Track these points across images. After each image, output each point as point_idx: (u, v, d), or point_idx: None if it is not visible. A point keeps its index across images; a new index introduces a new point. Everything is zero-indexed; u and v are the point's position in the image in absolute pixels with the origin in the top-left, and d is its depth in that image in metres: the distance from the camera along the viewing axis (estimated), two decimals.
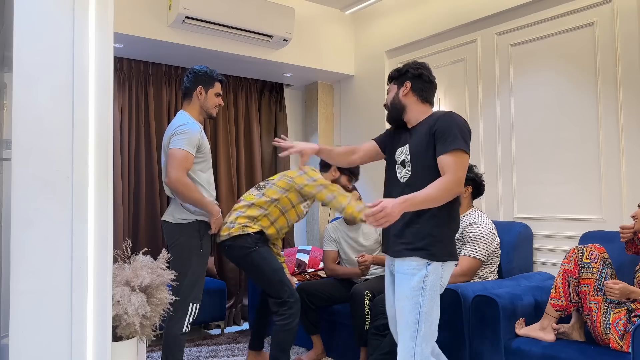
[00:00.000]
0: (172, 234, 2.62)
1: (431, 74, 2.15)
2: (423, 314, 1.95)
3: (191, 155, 2.56)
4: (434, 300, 1.99)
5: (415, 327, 1.96)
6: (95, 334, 1.52)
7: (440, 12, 3.69)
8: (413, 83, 2.10)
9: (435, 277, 1.98)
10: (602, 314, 2.20)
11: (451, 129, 1.95)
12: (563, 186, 3.03)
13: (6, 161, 2.02)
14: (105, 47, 1.57)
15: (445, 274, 2.03)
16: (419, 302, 1.96)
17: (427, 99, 2.13)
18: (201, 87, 2.73)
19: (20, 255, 1.44)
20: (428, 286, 1.96)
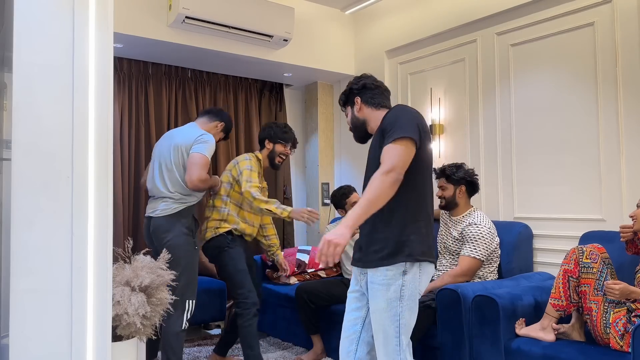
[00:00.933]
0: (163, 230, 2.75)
1: (375, 80, 2.11)
2: (403, 325, 1.85)
3: (209, 161, 2.84)
4: (412, 310, 1.87)
5: (396, 340, 1.85)
6: (95, 334, 1.52)
7: (440, 12, 3.69)
8: (361, 96, 2.09)
9: (413, 285, 1.85)
10: (602, 313, 2.20)
11: (395, 121, 1.87)
12: (563, 186, 3.02)
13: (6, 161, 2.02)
14: (105, 47, 1.57)
15: (423, 278, 1.89)
16: (397, 313, 1.84)
17: (381, 104, 2.08)
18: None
19: (20, 255, 1.44)
20: (406, 295, 1.84)
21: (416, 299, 1.89)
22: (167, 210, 2.77)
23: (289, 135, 3.15)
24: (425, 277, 1.91)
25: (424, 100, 3.90)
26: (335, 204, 3.37)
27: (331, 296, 3.26)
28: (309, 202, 4.78)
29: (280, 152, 3.13)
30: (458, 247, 2.90)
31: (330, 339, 3.28)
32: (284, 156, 3.15)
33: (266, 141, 3.14)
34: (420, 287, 1.90)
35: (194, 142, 2.79)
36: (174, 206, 2.78)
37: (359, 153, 4.44)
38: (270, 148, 3.13)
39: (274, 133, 3.12)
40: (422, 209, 1.90)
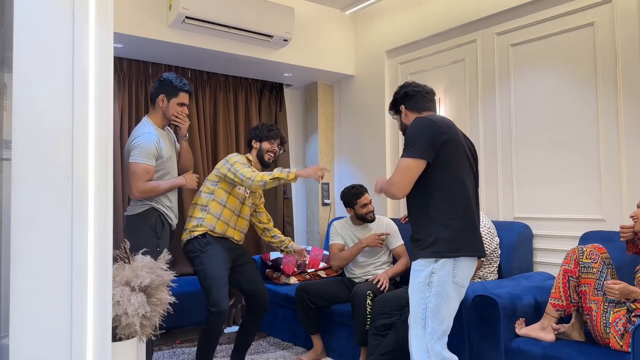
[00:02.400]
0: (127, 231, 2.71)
1: (415, 86, 2.26)
2: (429, 309, 1.99)
3: (151, 166, 2.67)
4: (442, 297, 1.99)
5: (422, 322, 2.00)
6: (95, 334, 1.52)
7: (440, 12, 3.69)
8: (405, 104, 2.25)
9: (443, 274, 1.99)
10: (602, 313, 2.20)
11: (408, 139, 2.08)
12: (563, 186, 3.02)
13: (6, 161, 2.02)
14: (105, 47, 1.57)
15: (459, 271, 2.02)
16: (425, 297, 2.01)
17: (424, 108, 2.24)
18: (163, 95, 2.78)
19: (20, 255, 1.43)
20: (435, 282, 2.00)
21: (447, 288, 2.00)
22: (130, 211, 2.74)
23: (274, 133, 3.14)
24: (462, 270, 2.03)
25: None
26: (346, 202, 3.36)
27: (331, 296, 3.26)
28: (308, 202, 4.78)
29: (268, 150, 3.11)
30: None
31: (331, 339, 3.28)
32: (272, 153, 3.12)
33: (253, 141, 3.14)
34: (457, 278, 2.02)
35: (129, 148, 2.70)
36: (137, 208, 2.71)
37: (359, 153, 4.44)
38: (257, 147, 3.12)
39: (259, 132, 3.12)
40: (454, 208, 2.04)
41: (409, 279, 2.11)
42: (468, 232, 2.05)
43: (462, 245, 2.02)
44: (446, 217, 2.03)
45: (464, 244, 2.03)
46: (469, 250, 2.03)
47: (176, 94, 2.80)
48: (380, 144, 4.21)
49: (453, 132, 2.09)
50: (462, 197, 2.06)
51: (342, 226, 3.43)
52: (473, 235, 2.06)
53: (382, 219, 3.41)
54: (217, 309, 2.73)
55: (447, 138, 2.04)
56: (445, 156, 2.04)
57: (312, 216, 4.71)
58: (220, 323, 2.76)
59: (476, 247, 2.06)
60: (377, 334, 2.78)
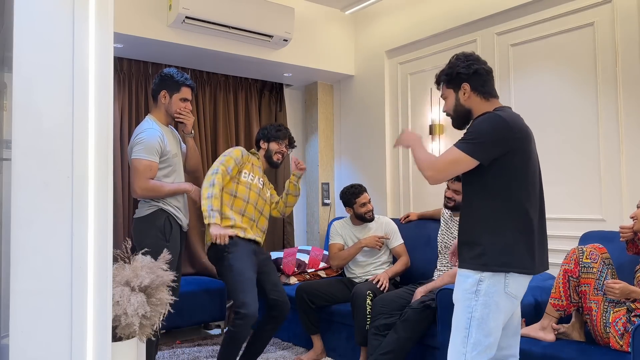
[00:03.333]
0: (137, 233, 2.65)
1: (485, 64, 1.97)
2: (475, 319, 1.80)
3: (154, 162, 2.59)
4: (490, 308, 1.79)
5: (465, 332, 1.81)
6: (95, 334, 1.52)
7: (440, 12, 3.69)
8: (471, 83, 1.93)
9: (491, 284, 1.79)
10: (602, 313, 2.20)
11: (472, 129, 1.86)
12: (563, 186, 3.02)
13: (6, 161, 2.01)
14: (105, 47, 1.57)
15: (511, 283, 1.80)
16: (470, 306, 1.81)
17: (492, 94, 1.96)
18: (165, 91, 2.72)
19: (20, 255, 1.43)
20: (482, 291, 1.80)
21: (497, 299, 1.80)
22: (138, 214, 2.70)
23: (283, 133, 3.11)
24: (515, 282, 1.82)
25: (424, 100, 3.90)
26: (345, 202, 3.37)
27: (331, 296, 3.26)
28: (309, 202, 4.78)
29: (276, 150, 3.08)
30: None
31: (331, 339, 3.28)
32: (280, 154, 3.10)
33: (261, 142, 3.12)
34: (508, 289, 1.81)
35: (132, 144, 2.62)
36: (144, 210, 2.67)
37: (359, 153, 4.44)
38: (265, 148, 3.10)
39: (267, 132, 3.10)
40: (511, 219, 1.82)
41: (455, 284, 1.93)
42: (521, 247, 1.81)
43: (508, 260, 1.79)
44: (497, 229, 1.82)
45: (520, 257, 1.80)
46: (522, 266, 1.80)
47: (178, 89, 2.73)
48: (380, 144, 4.21)
49: (526, 139, 1.86)
50: (528, 208, 1.82)
51: (342, 226, 3.44)
52: (529, 250, 1.82)
53: (381, 218, 3.41)
54: (246, 311, 2.58)
55: (518, 146, 1.82)
56: (512, 160, 1.81)
57: (312, 216, 4.71)
58: (249, 327, 2.62)
59: (525, 264, 1.81)
60: (377, 334, 2.78)
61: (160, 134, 2.64)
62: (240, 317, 2.59)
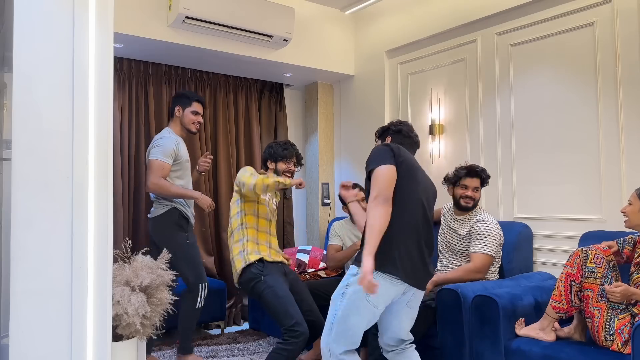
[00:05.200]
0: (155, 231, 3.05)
1: (412, 130, 2.37)
2: (337, 318, 2.06)
3: (167, 163, 2.99)
4: (351, 311, 2.04)
5: (330, 325, 2.09)
6: (95, 334, 1.52)
7: (440, 12, 3.69)
8: (393, 137, 2.36)
9: (356, 289, 2.01)
10: (605, 320, 2.17)
11: (367, 163, 2.17)
12: (563, 186, 3.02)
13: (6, 161, 2.02)
14: (105, 47, 1.57)
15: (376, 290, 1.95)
16: (337, 305, 2.08)
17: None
18: (179, 106, 3.16)
19: (20, 255, 1.44)
20: (347, 294, 2.05)
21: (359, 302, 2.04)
22: (154, 213, 3.05)
23: (290, 152, 3.07)
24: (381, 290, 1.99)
25: (424, 100, 3.90)
26: (342, 201, 3.38)
27: (331, 295, 3.26)
28: (309, 202, 4.78)
29: (284, 170, 3.05)
30: (465, 246, 2.89)
31: None
32: (288, 173, 3.07)
33: (268, 161, 3.09)
34: (369, 297, 2.02)
35: (149, 148, 3.04)
36: (160, 209, 3.03)
37: (359, 153, 4.44)
38: (272, 168, 3.06)
39: (274, 152, 3.06)
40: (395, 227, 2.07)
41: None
42: (392, 249, 2.03)
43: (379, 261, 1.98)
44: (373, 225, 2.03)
45: (382, 259, 2.00)
46: (384, 268, 2.00)
47: (190, 103, 3.16)
48: None
49: (407, 155, 2.19)
50: (410, 219, 2.08)
51: (341, 226, 3.44)
52: (396, 254, 2.03)
53: None
54: (301, 329, 2.58)
55: (401, 159, 2.13)
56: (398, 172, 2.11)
57: (312, 216, 4.71)
58: (303, 344, 2.60)
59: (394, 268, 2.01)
60: (376, 334, 2.77)
61: (175, 141, 3.05)
62: (295, 336, 2.58)
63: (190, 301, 3.06)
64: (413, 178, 2.13)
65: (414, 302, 2.17)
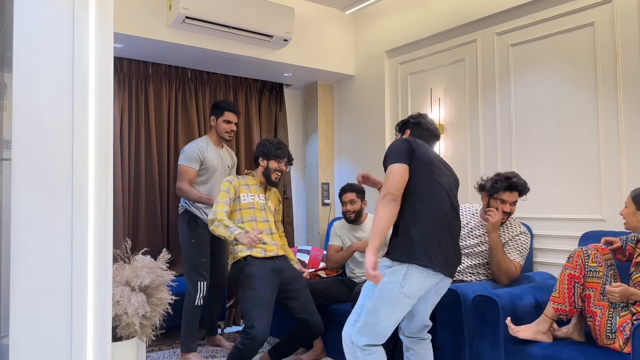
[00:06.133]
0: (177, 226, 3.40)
1: (431, 124, 2.36)
2: (366, 308, 2.04)
3: (191, 168, 3.28)
4: (381, 303, 2.02)
5: (356, 316, 2.06)
6: (95, 334, 1.52)
7: (440, 12, 3.69)
8: (412, 131, 2.35)
9: (389, 280, 2.02)
10: (607, 319, 2.18)
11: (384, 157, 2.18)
12: (563, 186, 3.02)
13: (6, 161, 2.02)
14: (105, 47, 1.57)
15: (408, 282, 2.01)
16: (366, 295, 2.06)
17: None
18: (214, 116, 3.46)
19: (20, 255, 1.44)
20: (378, 287, 2.03)
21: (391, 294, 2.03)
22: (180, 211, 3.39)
23: (283, 152, 3.11)
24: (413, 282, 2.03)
25: (424, 100, 3.90)
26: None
27: (332, 295, 3.26)
28: (309, 202, 4.78)
29: (275, 168, 3.09)
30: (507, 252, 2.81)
31: (331, 339, 3.28)
32: (279, 172, 3.11)
33: (260, 158, 3.12)
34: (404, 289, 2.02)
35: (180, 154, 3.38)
36: (179, 209, 3.38)
37: (359, 153, 4.44)
38: (264, 165, 3.10)
39: (267, 150, 3.10)
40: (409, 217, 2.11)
41: None
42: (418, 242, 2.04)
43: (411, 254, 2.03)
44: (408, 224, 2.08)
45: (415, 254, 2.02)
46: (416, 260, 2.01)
47: (222, 113, 3.42)
48: (380, 144, 4.21)
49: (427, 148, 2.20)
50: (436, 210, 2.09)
51: (341, 226, 3.44)
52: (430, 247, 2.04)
53: None
54: (254, 333, 2.62)
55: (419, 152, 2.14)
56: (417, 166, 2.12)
57: (312, 216, 4.71)
58: (256, 348, 2.64)
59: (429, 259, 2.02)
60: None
61: (199, 147, 3.32)
62: (248, 338, 2.63)
63: (189, 298, 3.20)
64: (434, 170, 2.14)
65: (442, 290, 2.19)
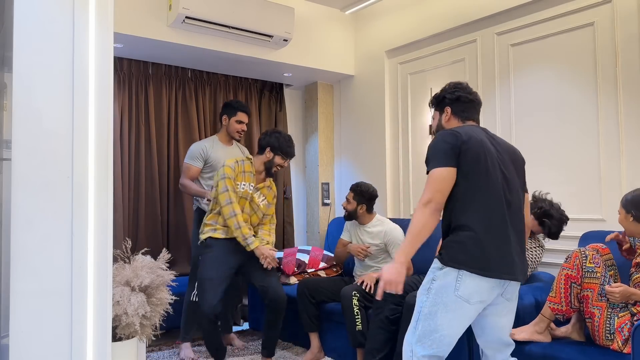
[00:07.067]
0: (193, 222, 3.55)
1: (470, 92, 2.13)
2: (423, 314, 1.89)
3: (193, 166, 3.39)
4: (439, 306, 1.86)
5: (414, 323, 1.92)
6: (95, 334, 1.52)
7: (440, 12, 3.69)
8: (452, 107, 2.12)
9: (443, 284, 1.86)
10: (606, 319, 2.18)
11: (427, 154, 1.99)
12: (563, 186, 3.02)
13: (6, 161, 2.02)
14: (105, 47, 1.57)
15: (462, 285, 1.83)
16: (422, 301, 1.91)
17: (469, 117, 2.11)
18: (226, 115, 3.52)
19: (20, 255, 1.43)
20: (433, 290, 1.88)
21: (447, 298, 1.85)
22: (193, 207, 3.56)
23: (292, 150, 3.11)
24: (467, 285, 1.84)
25: (424, 100, 3.90)
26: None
27: (332, 292, 3.26)
28: (309, 202, 4.78)
29: (278, 163, 3.08)
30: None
31: (330, 338, 3.28)
32: (280, 167, 3.11)
33: (268, 149, 3.05)
34: (459, 292, 1.84)
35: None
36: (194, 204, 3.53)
37: (359, 153, 4.44)
38: (270, 157, 3.05)
39: (278, 145, 3.04)
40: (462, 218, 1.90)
41: None
42: (470, 245, 1.87)
43: (462, 257, 1.85)
44: (459, 226, 1.90)
45: (466, 256, 1.85)
46: (468, 265, 1.84)
47: (235, 113, 3.48)
48: (381, 144, 4.21)
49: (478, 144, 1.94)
50: (488, 210, 1.89)
51: (352, 223, 3.43)
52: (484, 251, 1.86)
53: (387, 224, 3.31)
54: (202, 308, 2.87)
55: (466, 149, 1.91)
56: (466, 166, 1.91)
57: (312, 216, 4.71)
58: (203, 319, 2.88)
59: (482, 265, 1.84)
60: (381, 328, 2.76)
61: (204, 146, 3.41)
62: (200, 310, 2.91)
63: (187, 293, 3.37)
64: (486, 164, 1.92)
65: (509, 294, 1.95)
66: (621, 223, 2.28)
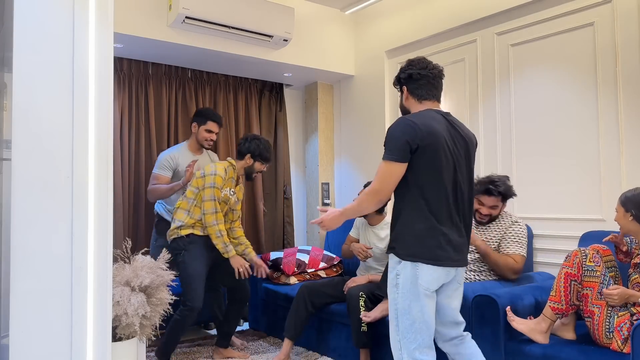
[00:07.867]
0: None
1: (422, 68, 2.07)
2: (400, 311, 1.97)
3: (162, 176, 3.39)
4: (410, 298, 1.95)
5: (395, 321, 2.00)
6: (95, 334, 1.52)
7: (440, 12, 3.69)
8: (407, 86, 2.12)
9: (406, 277, 1.96)
10: (605, 318, 2.18)
11: (385, 139, 2.05)
12: (563, 186, 3.02)
13: (6, 161, 2.02)
14: (105, 47, 1.57)
15: (422, 275, 1.94)
16: (393, 298, 2.00)
17: (424, 97, 2.10)
18: (196, 123, 3.49)
19: (20, 255, 1.44)
20: (400, 284, 1.98)
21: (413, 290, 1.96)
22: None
23: (271, 156, 3.28)
24: (426, 275, 1.95)
25: None
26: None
27: (334, 295, 3.26)
28: (309, 202, 4.78)
29: (259, 169, 3.25)
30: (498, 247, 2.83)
31: (330, 338, 3.28)
32: (259, 173, 3.29)
33: (248, 155, 3.20)
34: (420, 281, 1.95)
35: None
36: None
37: (359, 153, 4.44)
38: (249, 163, 3.21)
39: (259, 152, 3.18)
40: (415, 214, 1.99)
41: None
42: (423, 239, 1.95)
43: (418, 251, 1.95)
44: (412, 221, 1.98)
45: (422, 250, 1.94)
46: (423, 258, 1.94)
47: (205, 122, 3.46)
48: (381, 144, 4.19)
49: (434, 138, 1.96)
50: (437, 201, 1.96)
51: (362, 222, 3.42)
52: (437, 242, 1.95)
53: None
54: (192, 304, 2.93)
55: (425, 144, 1.95)
56: (425, 160, 1.96)
57: (312, 216, 4.71)
58: (193, 318, 2.96)
59: (436, 255, 1.94)
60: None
61: (172, 155, 3.40)
62: (187, 309, 2.94)
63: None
64: (439, 159, 1.95)
65: (460, 277, 2.10)
66: (618, 221, 2.28)
